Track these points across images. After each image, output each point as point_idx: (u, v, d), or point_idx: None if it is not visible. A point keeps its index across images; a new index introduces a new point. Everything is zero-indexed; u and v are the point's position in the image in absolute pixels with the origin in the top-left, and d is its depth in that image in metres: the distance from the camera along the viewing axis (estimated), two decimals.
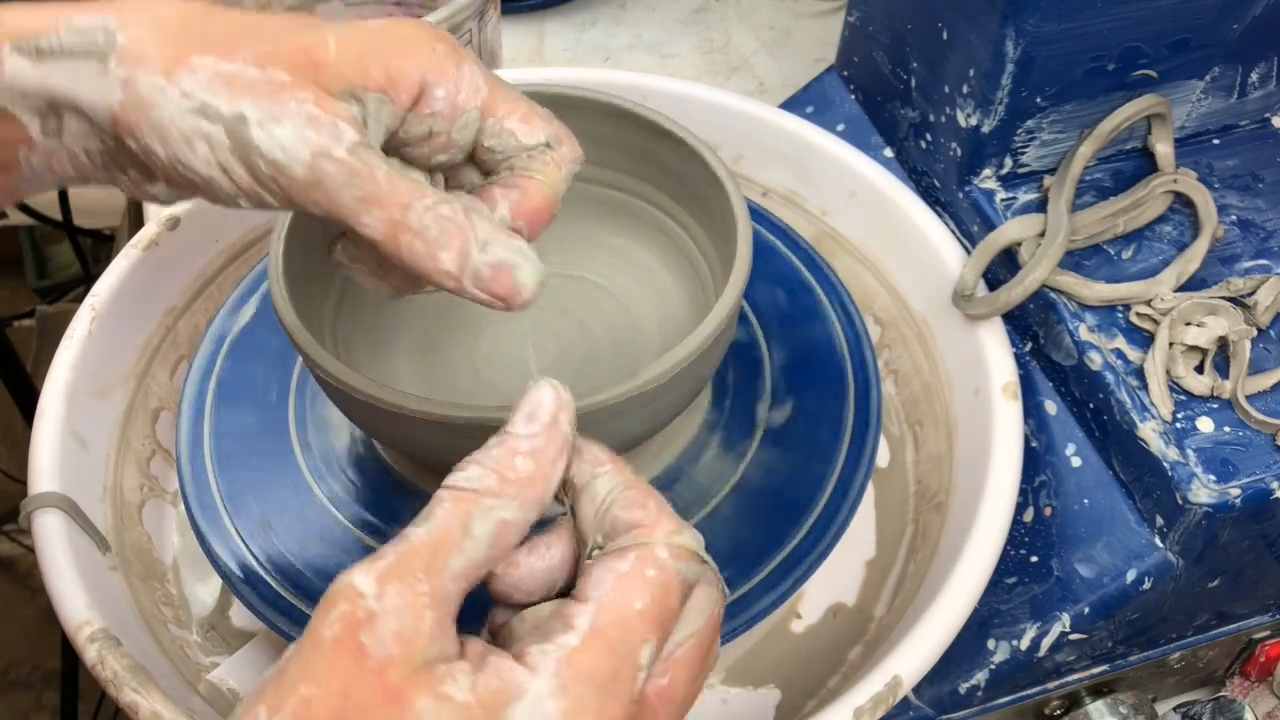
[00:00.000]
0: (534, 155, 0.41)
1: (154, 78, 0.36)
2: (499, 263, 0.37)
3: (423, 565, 0.31)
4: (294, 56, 0.37)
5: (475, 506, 0.32)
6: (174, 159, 0.36)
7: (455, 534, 0.32)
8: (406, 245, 0.37)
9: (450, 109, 0.39)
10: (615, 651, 0.30)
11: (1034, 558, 0.56)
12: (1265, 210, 0.59)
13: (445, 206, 0.37)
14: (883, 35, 0.66)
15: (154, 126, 0.36)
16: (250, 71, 0.36)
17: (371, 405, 0.45)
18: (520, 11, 0.95)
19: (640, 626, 0.31)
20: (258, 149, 0.36)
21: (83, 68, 0.36)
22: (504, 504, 0.33)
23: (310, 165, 0.36)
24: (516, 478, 0.33)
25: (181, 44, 0.36)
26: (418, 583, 0.30)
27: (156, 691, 0.48)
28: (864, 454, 0.56)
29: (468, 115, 0.40)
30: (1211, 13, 0.56)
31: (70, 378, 0.59)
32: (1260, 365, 0.53)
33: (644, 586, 0.31)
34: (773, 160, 0.69)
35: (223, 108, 0.35)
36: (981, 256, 0.59)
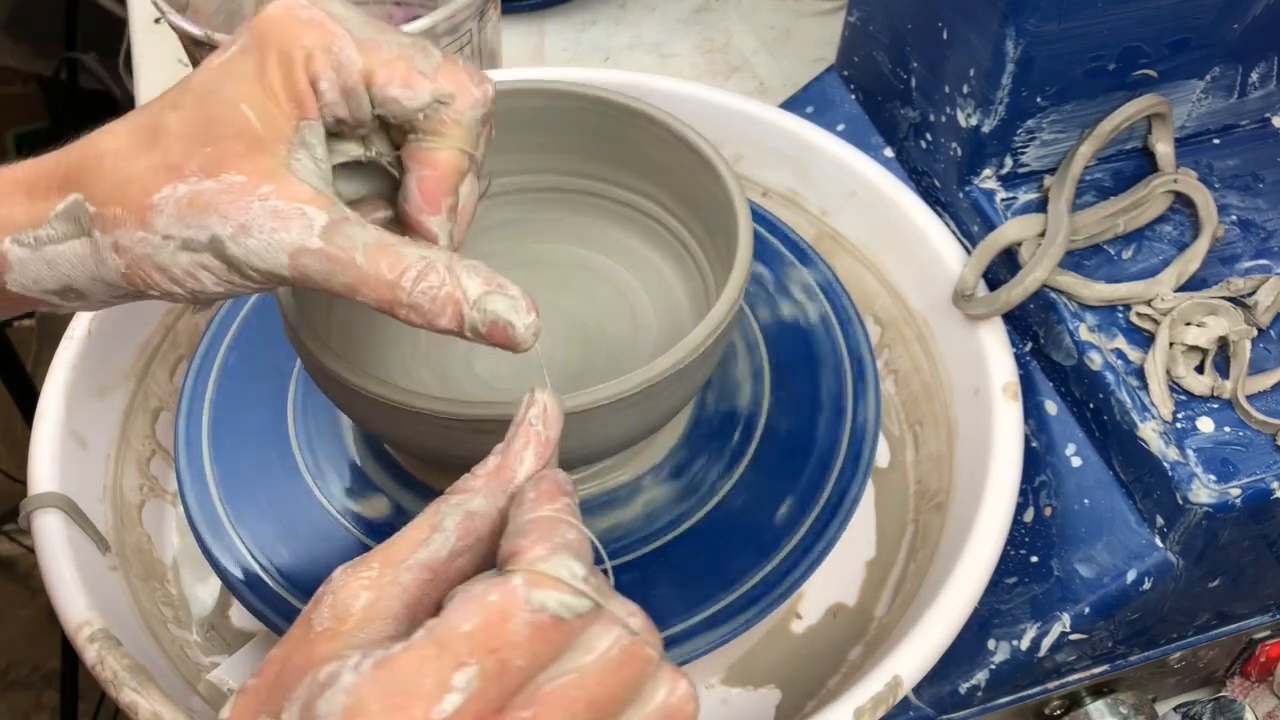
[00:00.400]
0: (429, 115, 0.41)
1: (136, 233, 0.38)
2: (493, 321, 0.38)
3: (382, 558, 0.33)
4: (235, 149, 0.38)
5: (445, 504, 0.35)
6: (192, 291, 0.39)
7: (424, 531, 0.34)
8: (404, 315, 0.38)
9: (340, 94, 0.40)
10: (422, 668, 0.29)
11: (1034, 558, 0.56)
12: (1265, 210, 0.59)
13: (432, 274, 0.38)
14: (883, 35, 0.66)
15: (160, 272, 0.38)
16: (206, 185, 0.37)
17: (370, 401, 0.46)
18: (520, 11, 0.95)
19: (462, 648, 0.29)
20: (242, 262, 0.38)
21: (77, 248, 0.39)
22: (470, 497, 0.35)
23: (291, 265, 0.38)
24: (485, 472, 0.35)
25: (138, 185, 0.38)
26: (368, 570, 0.33)
27: (156, 691, 0.48)
28: (864, 454, 0.56)
29: (356, 91, 0.40)
30: (1211, 13, 0.56)
31: (70, 378, 0.59)
32: (1260, 365, 0.53)
33: (479, 609, 0.30)
34: (773, 160, 0.69)
35: (199, 236, 0.37)
36: (981, 256, 0.59)
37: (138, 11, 0.99)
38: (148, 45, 0.96)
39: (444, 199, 0.41)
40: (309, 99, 0.39)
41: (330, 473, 0.56)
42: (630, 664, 0.31)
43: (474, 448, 0.46)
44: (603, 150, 0.58)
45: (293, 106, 0.39)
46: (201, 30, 0.68)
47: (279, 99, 0.39)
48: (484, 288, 0.38)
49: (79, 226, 0.39)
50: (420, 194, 0.41)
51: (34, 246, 0.39)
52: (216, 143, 0.38)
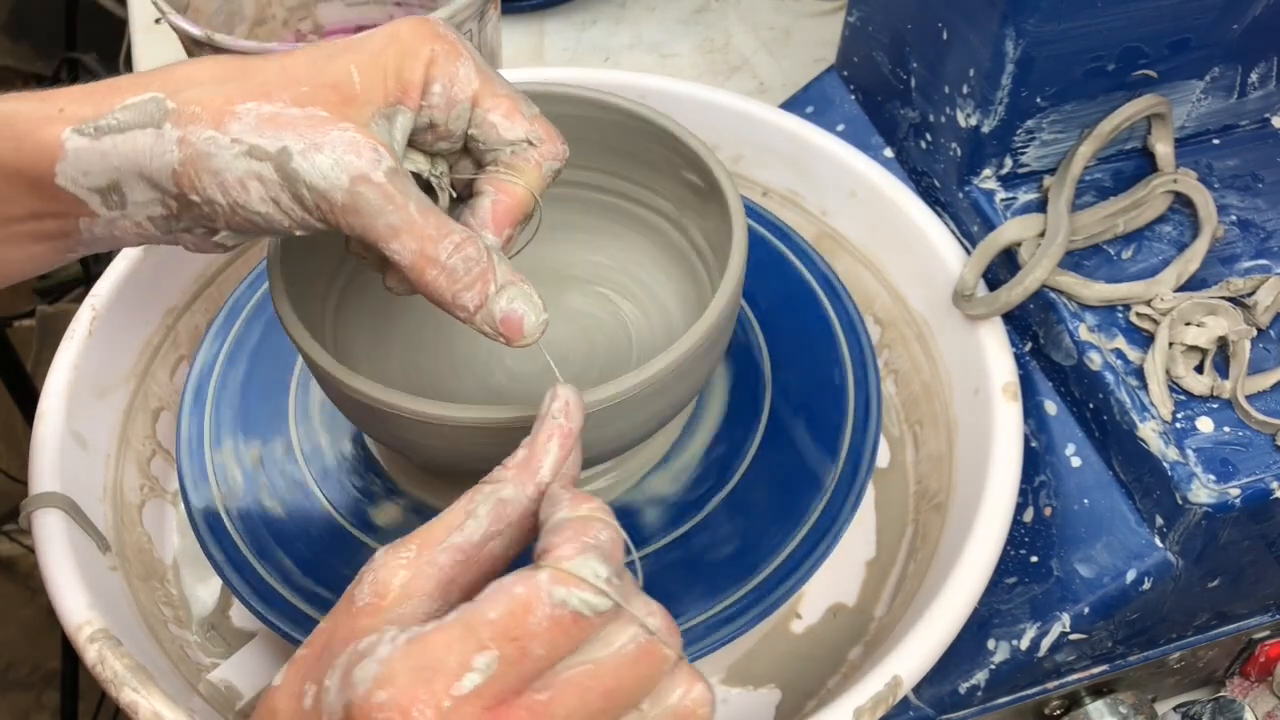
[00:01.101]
0: (516, 151, 0.44)
1: (206, 131, 0.39)
2: (511, 310, 0.41)
3: (420, 540, 0.36)
4: (328, 96, 0.40)
5: (479, 492, 0.37)
6: (233, 203, 0.40)
7: (459, 516, 0.36)
8: (431, 278, 0.40)
9: (446, 102, 0.43)
10: (448, 648, 0.32)
11: (1034, 558, 0.56)
12: (1265, 210, 0.59)
13: (471, 247, 0.40)
14: (883, 35, 0.66)
15: (211, 175, 0.39)
16: (291, 110, 0.40)
17: (369, 405, 0.46)
18: (520, 11, 0.95)
19: (484, 633, 0.32)
20: (302, 179, 0.39)
21: (141, 138, 0.40)
22: (501, 486, 0.37)
23: (349, 190, 0.39)
24: (514, 463, 0.38)
25: (224, 96, 0.40)
26: (406, 551, 0.35)
27: (157, 691, 0.48)
28: (864, 454, 0.56)
29: (459, 107, 0.43)
30: (1211, 13, 0.56)
31: (70, 378, 0.59)
32: (1260, 365, 0.53)
33: (505, 599, 0.32)
34: (772, 160, 0.69)
35: (268, 145, 0.39)
36: (981, 256, 0.59)
37: (138, 12, 0.99)
38: (148, 45, 0.96)
39: (508, 226, 0.44)
40: (415, 90, 0.42)
41: (331, 473, 0.56)
42: (646, 660, 0.33)
43: (472, 451, 0.46)
44: (602, 151, 0.58)
45: (398, 89, 0.42)
46: (202, 30, 0.68)
47: (387, 77, 0.41)
48: (509, 277, 0.41)
49: (150, 118, 0.39)
50: (492, 214, 0.44)
51: (94, 135, 0.40)
52: (312, 85, 0.40)
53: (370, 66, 0.41)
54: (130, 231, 0.42)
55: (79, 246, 0.44)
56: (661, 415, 0.50)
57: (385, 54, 0.42)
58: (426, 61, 0.42)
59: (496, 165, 0.44)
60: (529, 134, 0.44)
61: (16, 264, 0.44)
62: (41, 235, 0.43)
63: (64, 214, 0.42)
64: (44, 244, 0.43)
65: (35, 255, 0.44)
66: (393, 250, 0.40)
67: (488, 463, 0.47)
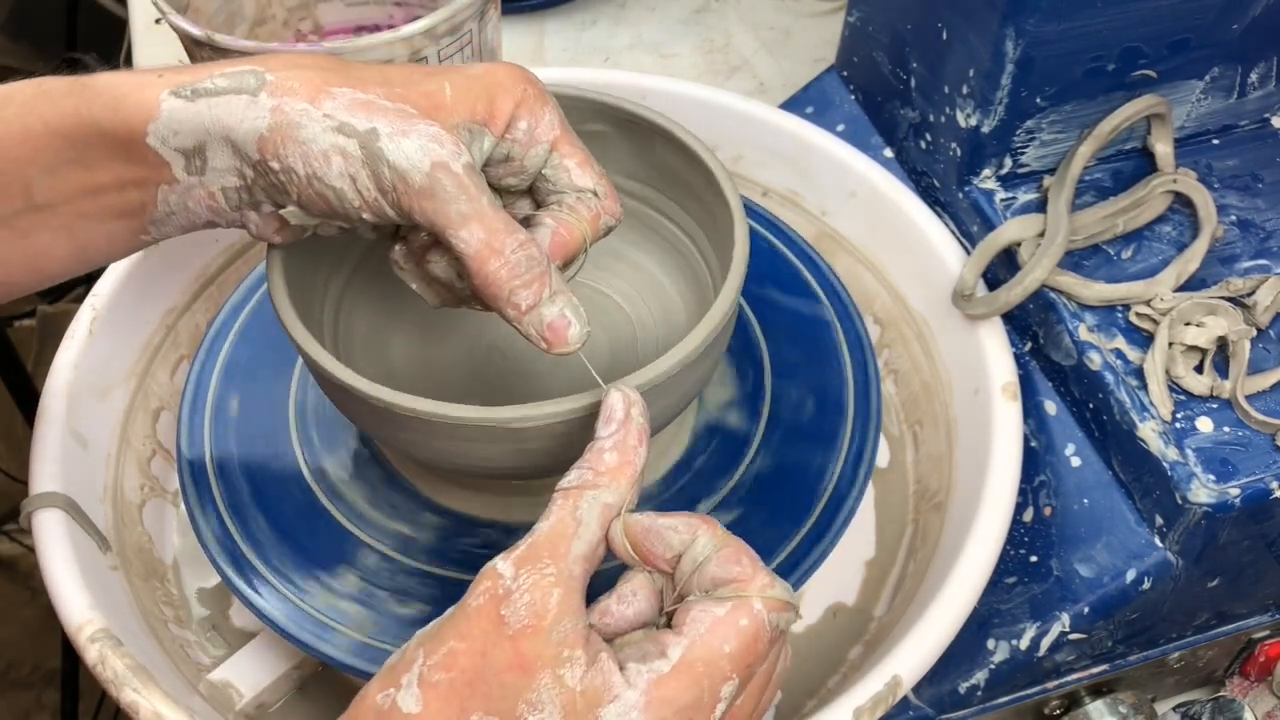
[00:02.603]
0: (581, 198, 0.46)
1: (300, 103, 0.41)
2: (559, 317, 0.42)
3: (549, 552, 0.37)
4: (419, 99, 0.43)
5: (580, 499, 0.38)
6: (311, 174, 0.41)
7: (570, 524, 0.38)
8: (493, 269, 0.41)
9: (527, 139, 0.45)
10: (699, 684, 0.35)
11: (1034, 557, 0.56)
12: (1265, 210, 0.59)
13: (533, 248, 0.42)
14: (883, 35, 0.66)
15: (297, 144, 0.41)
16: (383, 102, 0.42)
17: (368, 404, 0.46)
18: (520, 11, 0.95)
19: (726, 666, 0.36)
20: (385, 158, 0.40)
21: (235, 101, 0.41)
22: (603, 492, 0.39)
23: (429, 174, 0.41)
24: (608, 469, 0.39)
25: (322, 79, 0.42)
26: (545, 566, 0.37)
27: (157, 691, 0.48)
28: (864, 454, 0.56)
29: (539, 147, 0.45)
30: (1211, 13, 0.56)
31: (71, 378, 0.59)
32: (1259, 365, 0.53)
33: (735, 632, 0.36)
34: (772, 160, 0.69)
35: (359, 124, 0.41)
36: (981, 256, 0.59)
37: (138, 12, 0.99)
38: (148, 46, 0.96)
39: (560, 258, 0.45)
40: (501, 119, 0.44)
41: (331, 473, 0.56)
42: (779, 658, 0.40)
43: (473, 451, 0.47)
44: (603, 151, 0.58)
45: (485, 112, 0.44)
46: (202, 31, 0.68)
47: (478, 100, 0.44)
48: (561, 287, 0.43)
49: (246, 85, 0.41)
50: (551, 242, 0.45)
51: (190, 98, 0.41)
52: (405, 88, 0.43)
53: (463, 87, 0.44)
54: (203, 203, 0.43)
55: (151, 226, 0.45)
56: (663, 415, 0.50)
57: (480, 81, 0.44)
58: (517, 98, 0.44)
59: (560, 206, 0.46)
60: (596, 185, 0.46)
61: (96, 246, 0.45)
62: (122, 210, 0.44)
63: (146, 181, 0.43)
64: (122, 221, 0.45)
65: (113, 235, 0.45)
66: (460, 238, 0.41)
67: (489, 461, 0.47)
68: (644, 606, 0.39)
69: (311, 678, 0.57)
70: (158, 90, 0.41)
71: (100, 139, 0.42)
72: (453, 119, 0.43)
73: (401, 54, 0.70)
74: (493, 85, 0.44)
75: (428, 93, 0.43)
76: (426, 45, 0.70)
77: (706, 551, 0.38)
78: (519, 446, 0.46)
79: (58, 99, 0.42)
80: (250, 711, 0.55)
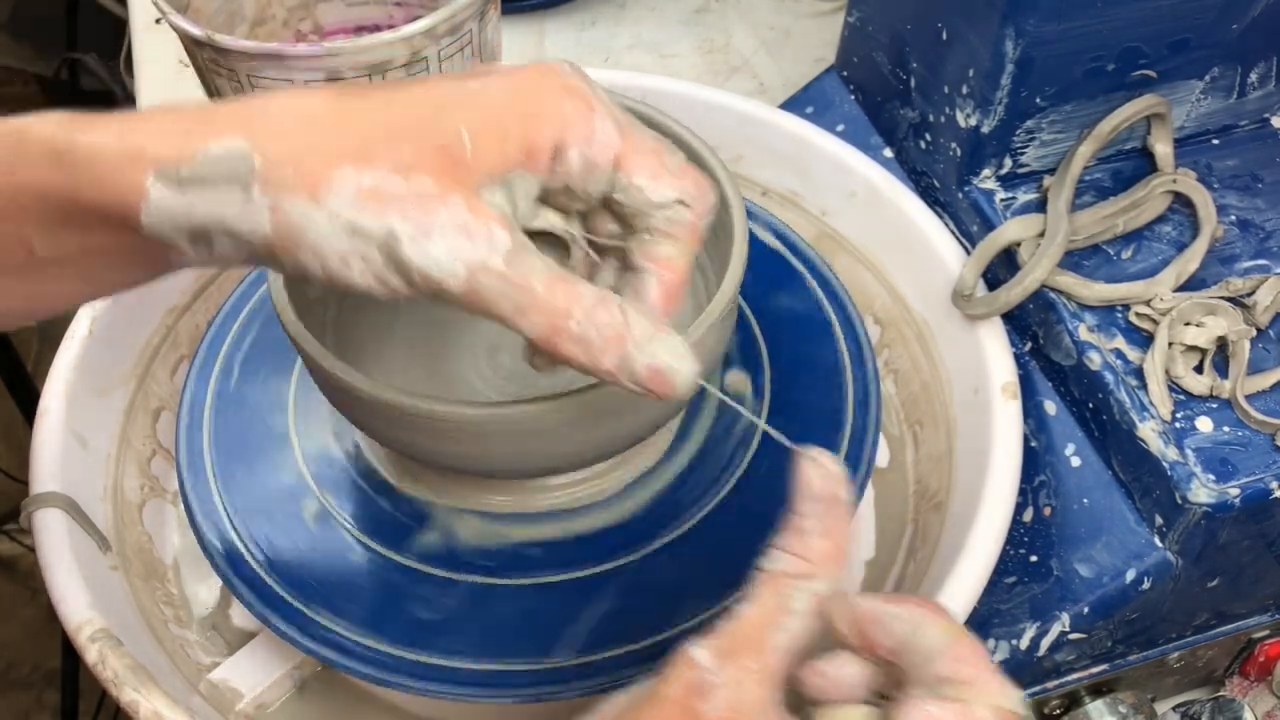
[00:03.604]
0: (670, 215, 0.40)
1: (300, 203, 0.35)
2: (654, 366, 0.37)
3: (753, 644, 0.35)
4: (434, 160, 0.36)
5: (790, 588, 0.36)
6: (331, 275, 0.36)
7: (777, 614, 0.36)
8: (565, 349, 0.37)
9: (583, 168, 0.39)
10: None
11: (1034, 557, 0.56)
12: (1265, 210, 0.59)
13: (603, 311, 0.37)
14: (882, 35, 0.66)
15: (309, 249, 0.36)
16: (394, 182, 0.35)
17: (367, 403, 0.46)
18: (520, 11, 0.95)
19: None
20: (413, 266, 0.35)
21: (226, 197, 0.36)
22: (815, 582, 0.36)
23: (467, 279, 0.36)
24: (819, 556, 0.37)
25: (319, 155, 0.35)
26: (749, 660, 0.35)
27: (157, 691, 0.48)
28: (864, 454, 0.56)
29: (599, 173, 0.39)
30: (1211, 13, 0.56)
31: (71, 378, 0.59)
32: (1259, 365, 0.53)
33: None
34: (773, 160, 0.69)
35: (372, 226, 0.35)
36: (981, 256, 0.59)
37: (138, 12, 0.99)
38: (148, 45, 0.96)
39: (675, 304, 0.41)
40: (542, 156, 0.38)
41: (330, 473, 0.56)
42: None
43: (478, 448, 0.47)
44: None
45: (520, 155, 0.37)
46: (202, 30, 0.68)
47: (506, 141, 0.37)
48: (650, 331, 0.37)
49: (235, 175, 0.35)
50: (660, 298, 0.40)
51: (178, 186, 0.36)
52: (417, 144, 0.36)
53: (486, 129, 0.37)
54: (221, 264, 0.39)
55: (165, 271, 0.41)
56: (663, 414, 0.50)
57: (505, 114, 0.37)
58: (559, 123, 0.38)
59: (650, 233, 0.40)
60: (680, 193, 0.40)
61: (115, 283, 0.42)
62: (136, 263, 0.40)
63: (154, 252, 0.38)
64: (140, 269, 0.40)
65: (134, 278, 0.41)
66: (521, 328, 0.37)
67: (494, 459, 0.47)
68: (856, 677, 0.37)
69: (312, 678, 0.57)
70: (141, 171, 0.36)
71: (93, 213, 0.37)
72: (477, 176, 0.36)
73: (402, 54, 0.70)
74: (525, 117, 0.37)
75: (443, 147, 0.36)
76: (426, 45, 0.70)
77: (937, 645, 0.35)
78: (523, 444, 0.46)
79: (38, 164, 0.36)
80: (250, 711, 0.55)
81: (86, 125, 0.37)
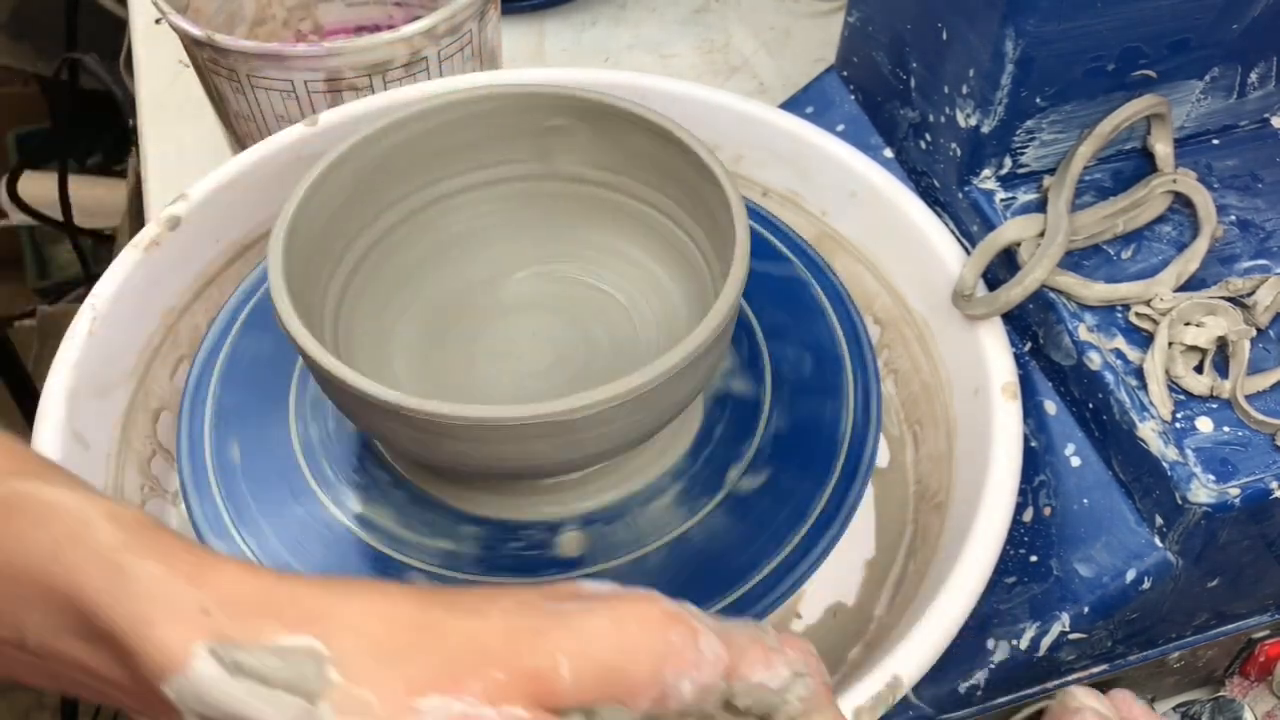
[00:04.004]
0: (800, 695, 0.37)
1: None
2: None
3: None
4: (527, 685, 0.32)
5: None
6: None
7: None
8: None
9: (698, 693, 0.35)
10: None
11: (1033, 557, 0.56)
12: (1265, 210, 0.59)
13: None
14: (882, 36, 0.66)
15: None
16: (485, 713, 0.31)
17: (368, 403, 0.46)
18: (520, 11, 0.95)
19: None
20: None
21: (288, 706, 0.31)
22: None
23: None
24: None
25: (400, 672, 0.31)
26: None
27: None
28: (863, 454, 0.56)
29: (713, 693, 0.35)
30: (1211, 13, 0.56)
31: (71, 378, 0.59)
32: (1259, 365, 0.53)
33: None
34: (772, 160, 0.69)
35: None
36: (981, 256, 0.59)
37: (138, 12, 1.00)
38: (148, 46, 0.96)
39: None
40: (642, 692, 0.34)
41: (332, 473, 0.56)
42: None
43: (474, 452, 0.47)
44: (604, 152, 0.58)
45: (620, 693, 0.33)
46: (202, 30, 0.68)
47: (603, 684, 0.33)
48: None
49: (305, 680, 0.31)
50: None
51: (231, 670, 0.31)
52: (509, 672, 0.32)
53: (585, 658, 0.33)
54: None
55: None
56: (664, 414, 0.50)
57: (610, 645, 0.33)
58: (661, 658, 0.34)
59: None
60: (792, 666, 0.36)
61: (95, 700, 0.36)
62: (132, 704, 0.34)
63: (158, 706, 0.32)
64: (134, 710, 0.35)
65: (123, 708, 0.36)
66: None
67: (500, 461, 0.47)
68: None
69: None
70: (193, 635, 0.31)
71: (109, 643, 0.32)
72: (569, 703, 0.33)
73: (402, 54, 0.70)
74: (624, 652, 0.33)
75: (537, 673, 0.32)
76: (426, 45, 0.70)
77: None
78: (526, 445, 0.46)
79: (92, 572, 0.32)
80: None
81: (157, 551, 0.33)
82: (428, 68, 0.71)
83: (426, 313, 0.59)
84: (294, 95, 0.70)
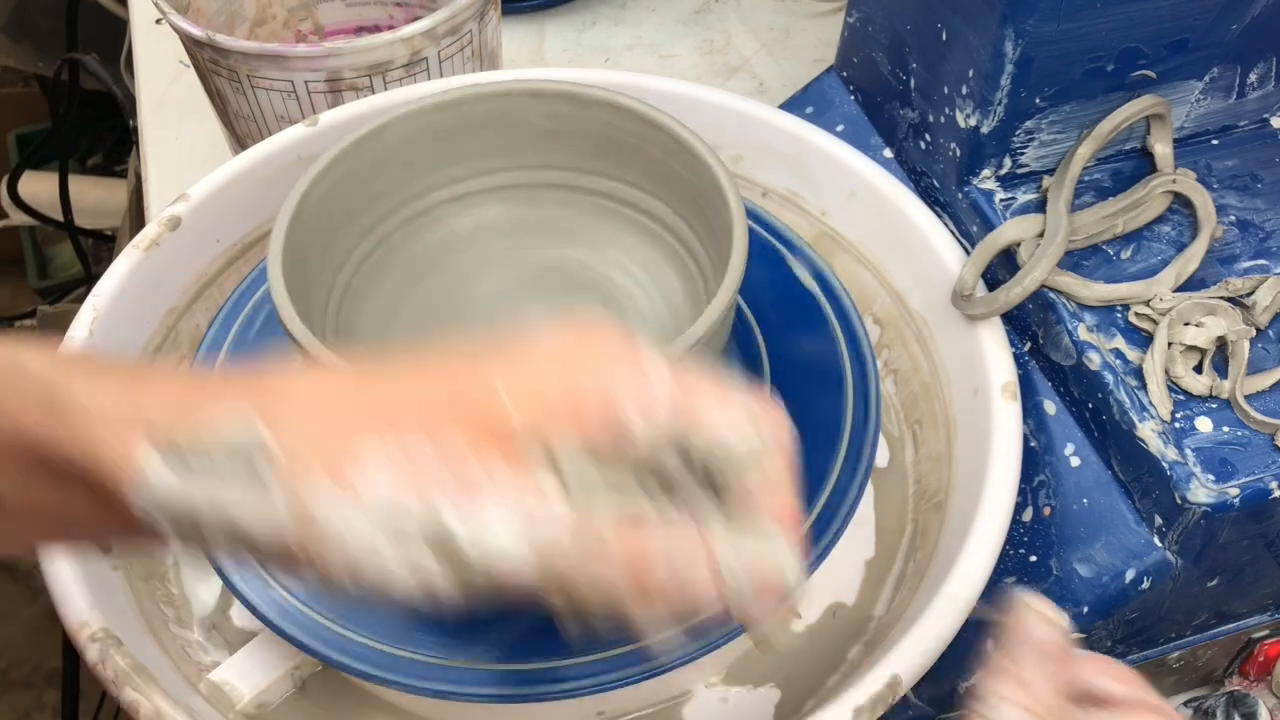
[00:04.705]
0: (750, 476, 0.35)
1: (322, 490, 0.31)
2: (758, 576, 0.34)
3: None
4: (465, 414, 0.32)
5: None
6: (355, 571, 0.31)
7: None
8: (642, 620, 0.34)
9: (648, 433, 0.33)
10: None
11: (1033, 557, 0.56)
12: (1264, 210, 0.59)
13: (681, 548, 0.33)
14: (882, 36, 0.67)
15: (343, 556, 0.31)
16: (426, 450, 0.31)
17: None
18: (520, 12, 0.96)
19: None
20: (474, 563, 0.31)
21: (238, 494, 0.31)
22: None
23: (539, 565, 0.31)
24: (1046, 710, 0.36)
25: (336, 424, 0.32)
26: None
27: (158, 691, 0.48)
28: (863, 454, 0.56)
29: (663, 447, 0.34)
30: (1211, 13, 0.56)
31: None
32: (1259, 365, 0.53)
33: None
34: (772, 160, 0.69)
35: (413, 508, 0.31)
36: (981, 256, 0.59)
37: (138, 12, 1.00)
38: (149, 46, 0.96)
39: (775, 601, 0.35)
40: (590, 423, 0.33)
41: None
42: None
43: None
44: (603, 151, 0.58)
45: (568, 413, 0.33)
46: (202, 31, 0.68)
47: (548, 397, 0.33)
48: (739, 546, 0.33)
49: (250, 464, 0.31)
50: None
51: (180, 473, 0.31)
52: (450, 410, 0.32)
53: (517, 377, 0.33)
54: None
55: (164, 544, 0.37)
56: None
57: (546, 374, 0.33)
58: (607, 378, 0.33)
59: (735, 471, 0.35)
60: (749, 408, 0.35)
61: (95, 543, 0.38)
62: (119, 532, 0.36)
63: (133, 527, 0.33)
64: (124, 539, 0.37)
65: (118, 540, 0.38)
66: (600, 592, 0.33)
67: None
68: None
69: (312, 678, 0.57)
70: (140, 444, 0.31)
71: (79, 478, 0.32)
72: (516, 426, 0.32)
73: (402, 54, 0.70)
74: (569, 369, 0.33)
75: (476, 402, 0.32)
76: (426, 45, 0.70)
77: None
78: None
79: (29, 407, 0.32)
80: (251, 711, 0.55)
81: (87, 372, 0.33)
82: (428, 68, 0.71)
83: (427, 312, 0.59)
84: (294, 95, 0.70)
